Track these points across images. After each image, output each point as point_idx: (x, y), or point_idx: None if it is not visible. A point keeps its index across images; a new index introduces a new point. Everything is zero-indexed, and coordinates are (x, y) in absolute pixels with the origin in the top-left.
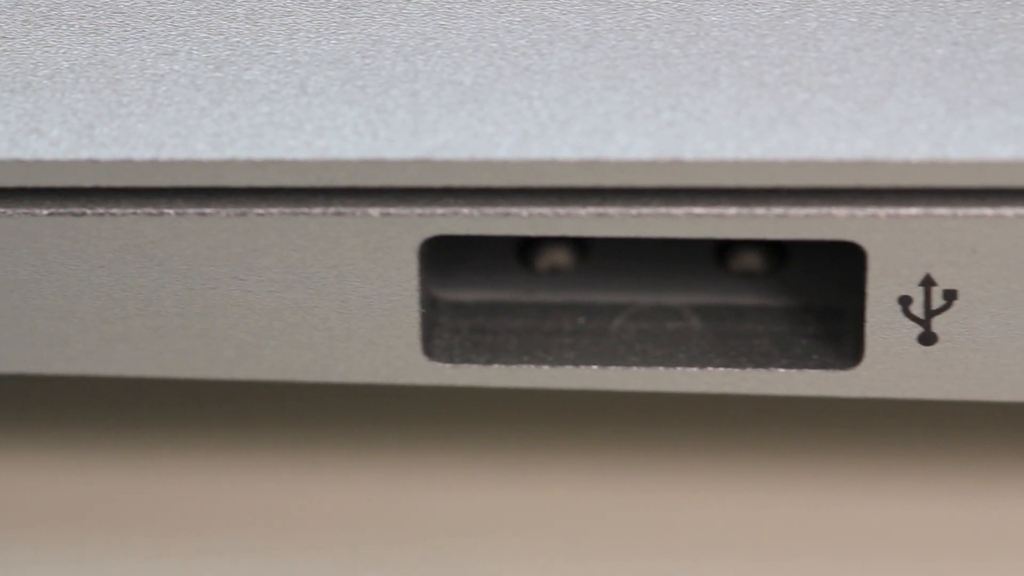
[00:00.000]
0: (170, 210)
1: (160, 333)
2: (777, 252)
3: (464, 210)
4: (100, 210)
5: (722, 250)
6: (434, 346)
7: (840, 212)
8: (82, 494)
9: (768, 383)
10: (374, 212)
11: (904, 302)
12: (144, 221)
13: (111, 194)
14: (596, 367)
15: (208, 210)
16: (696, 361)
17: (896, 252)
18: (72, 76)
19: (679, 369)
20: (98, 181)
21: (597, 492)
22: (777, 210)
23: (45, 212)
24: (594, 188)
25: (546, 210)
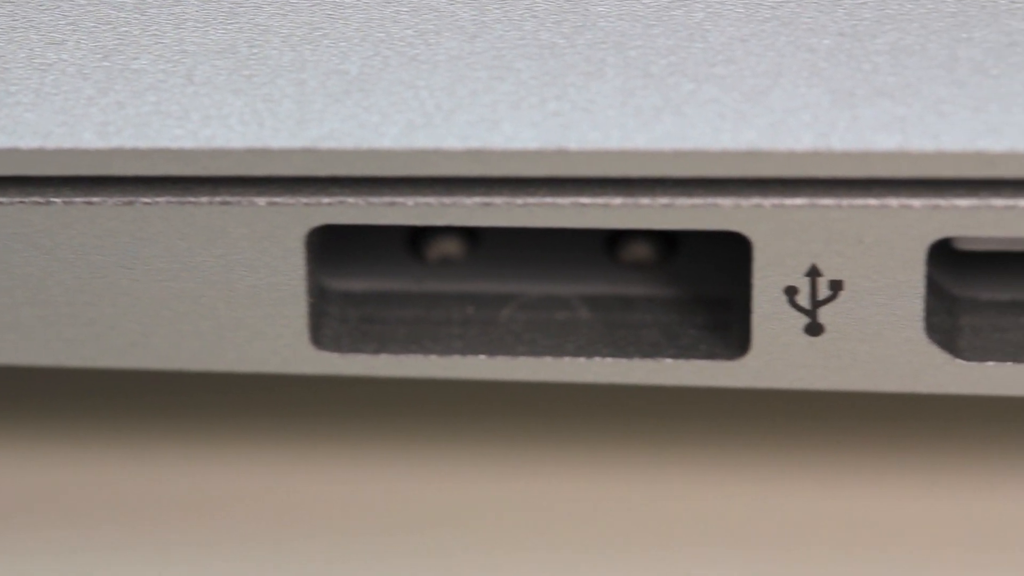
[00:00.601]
0: (57, 199)
1: (48, 322)
2: (667, 242)
3: (350, 199)
4: None
5: (612, 240)
6: (322, 335)
7: (725, 202)
8: (44, 488)
9: (655, 373)
10: (260, 201)
11: (790, 292)
12: (31, 210)
13: None
14: (484, 356)
15: (95, 199)
16: (584, 351)
17: (781, 242)
18: None
19: (567, 359)
20: None
21: (576, 483)
22: (662, 200)
23: None
24: (480, 178)
25: (432, 199)
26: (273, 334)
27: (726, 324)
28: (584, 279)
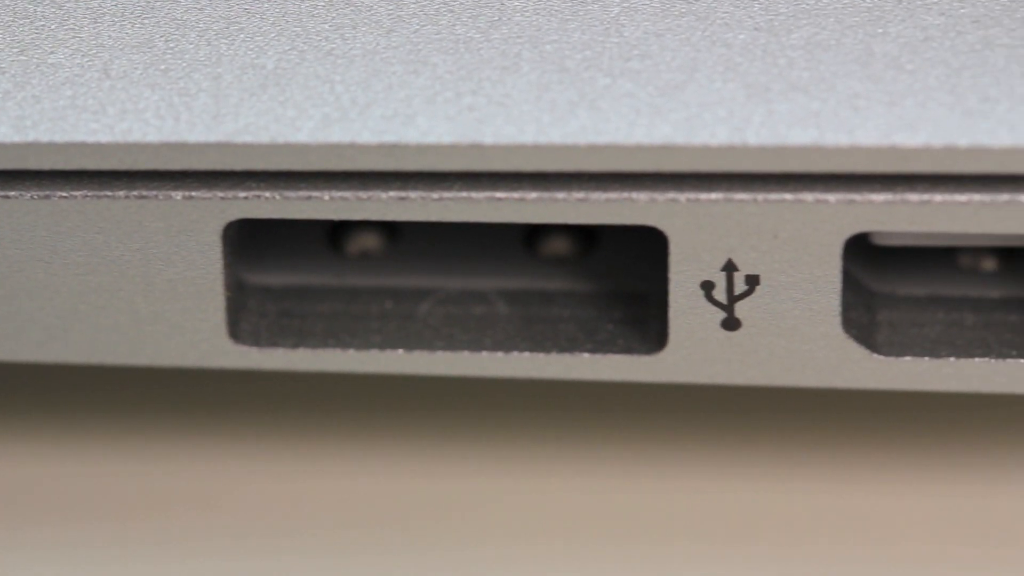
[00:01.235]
0: None
1: None
2: (586, 237)
3: (266, 193)
4: None
5: (531, 235)
6: (241, 329)
7: (640, 197)
8: (19, 484)
9: (573, 368)
10: (177, 195)
11: (707, 287)
12: None
13: None
14: (402, 351)
15: (11, 193)
16: (501, 346)
17: (697, 237)
18: None
19: (484, 353)
20: None
21: (566, 480)
22: (578, 195)
23: None
24: (395, 172)
25: (348, 194)
26: (191, 328)
27: (644, 319)
28: (503, 274)
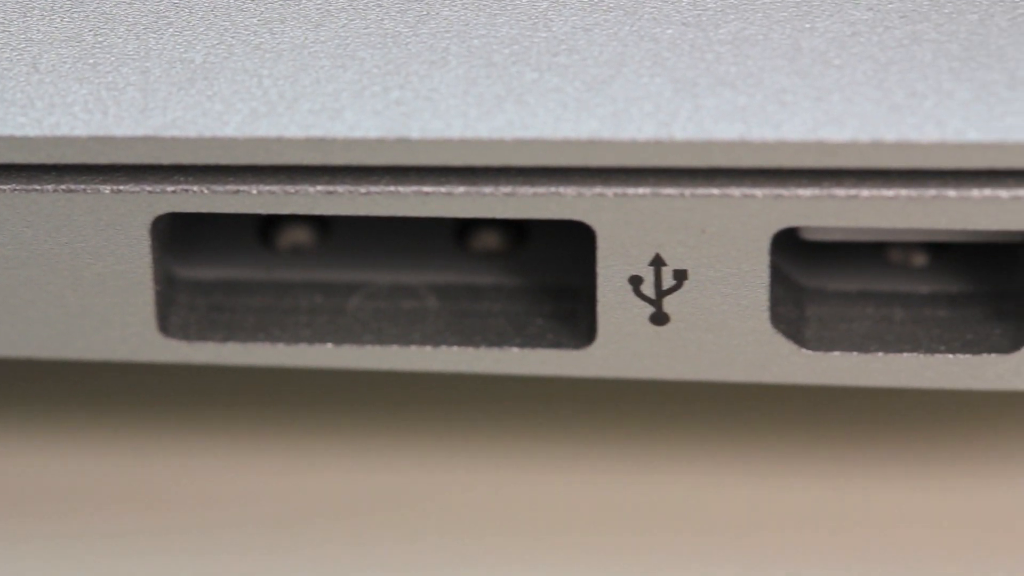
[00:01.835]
0: None
1: None
2: (517, 232)
3: (194, 187)
4: None
5: (463, 229)
6: (170, 323)
7: (568, 191)
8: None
9: (502, 362)
10: (105, 189)
11: (635, 282)
12: None
13: None
14: (331, 345)
15: None
16: (430, 340)
17: (625, 232)
18: None
19: (413, 348)
20: None
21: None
22: (505, 189)
23: None
24: (323, 166)
25: (275, 188)
26: (120, 322)
27: (573, 313)
28: (434, 268)
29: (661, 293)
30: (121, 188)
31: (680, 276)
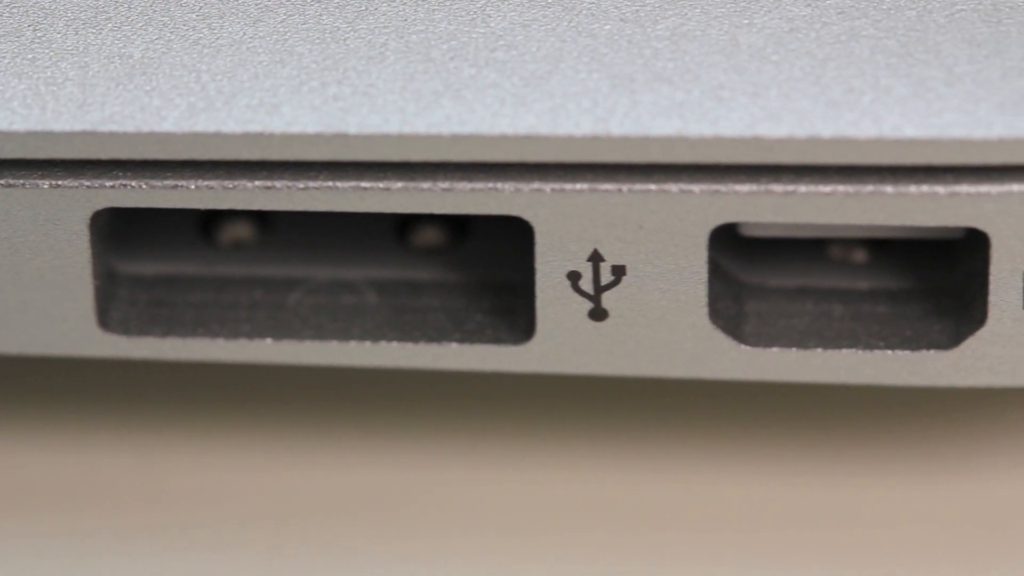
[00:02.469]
0: None
1: None
2: (456, 227)
3: (132, 183)
4: None
5: (403, 225)
6: (110, 318)
7: (505, 187)
8: None
9: (441, 358)
10: (44, 184)
11: (573, 277)
12: None
13: None
14: (270, 340)
15: None
16: (370, 335)
17: (563, 227)
18: None
19: (352, 343)
20: None
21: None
22: (443, 184)
23: None
24: (261, 161)
25: (214, 183)
26: (60, 317)
27: (512, 309)
28: (374, 264)
29: (599, 289)
30: (60, 183)
31: (618, 272)
